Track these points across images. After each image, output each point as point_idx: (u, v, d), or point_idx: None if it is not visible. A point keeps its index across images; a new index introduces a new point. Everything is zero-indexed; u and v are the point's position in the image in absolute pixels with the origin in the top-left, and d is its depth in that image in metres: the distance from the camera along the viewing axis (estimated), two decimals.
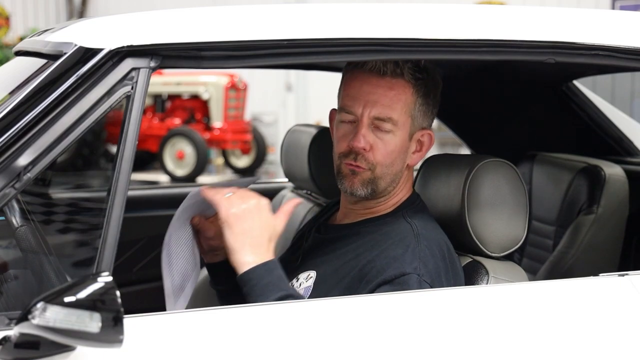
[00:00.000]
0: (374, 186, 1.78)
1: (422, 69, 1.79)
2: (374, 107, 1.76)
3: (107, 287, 1.31)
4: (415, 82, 1.78)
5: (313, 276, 1.79)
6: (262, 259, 1.65)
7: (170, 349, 1.46)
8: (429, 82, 1.81)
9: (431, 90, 1.82)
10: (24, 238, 1.77)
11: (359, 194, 1.79)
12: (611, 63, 1.83)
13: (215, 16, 1.63)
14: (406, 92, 1.77)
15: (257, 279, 1.63)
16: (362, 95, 1.77)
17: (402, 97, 1.77)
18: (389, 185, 1.81)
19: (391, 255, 1.70)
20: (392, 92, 1.76)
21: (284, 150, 2.79)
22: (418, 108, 1.80)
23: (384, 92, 1.76)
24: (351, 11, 1.69)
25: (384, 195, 1.82)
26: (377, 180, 1.78)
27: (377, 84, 1.77)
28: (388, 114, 1.76)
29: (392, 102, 1.76)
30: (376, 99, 1.76)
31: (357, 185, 1.78)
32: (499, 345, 1.60)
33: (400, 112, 1.77)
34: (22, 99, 1.47)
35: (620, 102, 8.13)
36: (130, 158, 1.49)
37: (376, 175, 1.78)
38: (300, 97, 13.15)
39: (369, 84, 1.77)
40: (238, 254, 1.65)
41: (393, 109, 1.76)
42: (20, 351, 1.35)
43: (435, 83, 1.83)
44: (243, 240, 1.65)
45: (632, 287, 1.72)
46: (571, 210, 2.66)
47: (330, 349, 1.52)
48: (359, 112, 1.77)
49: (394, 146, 1.78)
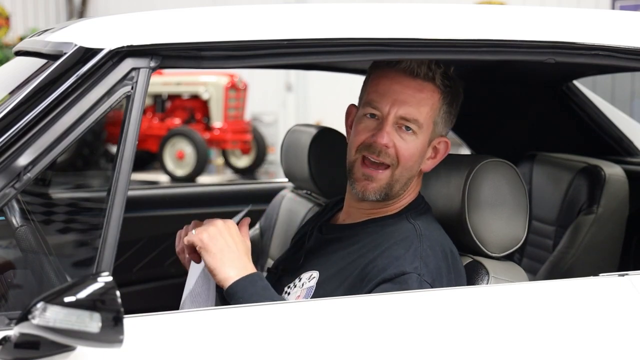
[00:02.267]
0: (388, 191, 1.79)
1: (450, 77, 1.80)
2: (401, 106, 1.76)
3: (107, 287, 1.31)
4: (444, 89, 1.79)
5: (316, 276, 1.79)
6: (244, 271, 1.67)
7: (171, 349, 1.46)
8: (454, 90, 1.82)
9: (455, 99, 1.83)
10: (24, 238, 1.77)
11: (370, 199, 1.79)
12: (611, 63, 1.83)
13: (215, 16, 1.63)
14: (434, 97, 1.78)
15: (242, 291, 1.64)
16: (391, 94, 1.77)
17: (430, 102, 1.77)
18: (401, 190, 1.81)
19: (393, 254, 1.70)
20: (421, 95, 1.77)
21: (284, 150, 2.79)
22: (442, 115, 1.80)
23: (413, 93, 1.76)
24: (351, 11, 1.69)
25: (394, 199, 1.82)
26: (394, 184, 1.78)
27: (407, 85, 1.77)
28: (415, 115, 1.76)
29: (420, 104, 1.76)
30: (405, 98, 1.76)
31: (370, 191, 1.78)
32: (499, 345, 1.60)
33: (426, 115, 1.77)
34: (22, 99, 1.47)
35: (620, 102, 8.13)
36: (130, 158, 1.49)
37: (394, 177, 1.78)
38: (300, 97, 13.14)
39: (399, 83, 1.77)
40: (220, 271, 1.67)
41: (420, 112, 1.76)
42: (20, 351, 1.35)
43: (458, 93, 1.84)
44: (221, 258, 1.67)
45: (632, 287, 1.72)
46: (571, 210, 2.66)
47: (331, 349, 1.52)
48: (385, 109, 1.77)
49: (415, 149, 1.78)
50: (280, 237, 2.71)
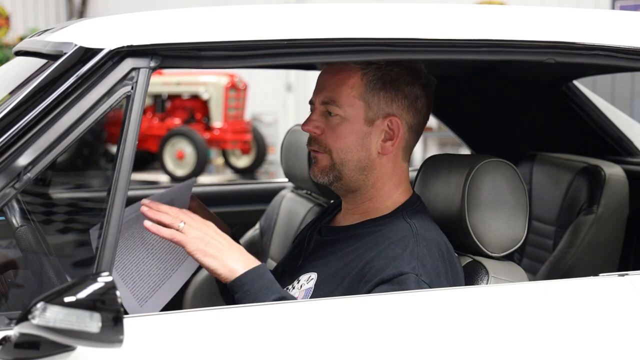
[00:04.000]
0: (336, 173, 1.81)
1: None
2: (322, 92, 1.82)
3: (107, 287, 1.31)
4: (365, 66, 1.79)
5: (314, 278, 1.79)
6: (250, 264, 1.67)
7: (170, 349, 1.46)
8: (388, 68, 1.79)
9: (395, 77, 1.79)
10: (24, 238, 1.77)
11: (321, 181, 1.84)
12: (611, 63, 1.83)
13: (215, 16, 1.63)
14: (353, 76, 1.79)
15: (250, 284, 1.64)
16: (317, 84, 1.85)
17: (348, 80, 1.79)
18: (358, 174, 1.80)
19: (390, 255, 1.70)
20: (337, 77, 1.81)
21: (284, 150, 2.79)
22: (372, 92, 1.79)
23: (330, 77, 1.82)
24: (351, 11, 1.69)
25: (364, 188, 1.82)
26: (338, 167, 1.80)
27: (327, 71, 1.84)
28: (331, 96, 1.80)
29: (337, 85, 1.80)
30: (325, 85, 1.82)
31: (317, 172, 1.83)
32: (499, 345, 1.60)
33: (346, 95, 1.79)
34: (22, 99, 1.47)
35: (620, 102, 8.13)
36: (130, 158, 1.49)
37: (334, 161, 1.80)
38: (300, 97, 13.13)
39: (324, 72, 1.85)
40: (223, 269, 1.66)
41: (337, 92, 1.80)
42: (20, 351, 1.35)
43: (402, 71, 1.80)
44: (222, 257, 1.67)
45: (632, 287, 1.72)
46: (571, 210, 2.67)
47: (330, 349, 1.52)
48: (314, 99, 1.85)
49: (344, 129, 1.79)
50: (280, 237, 2.71)
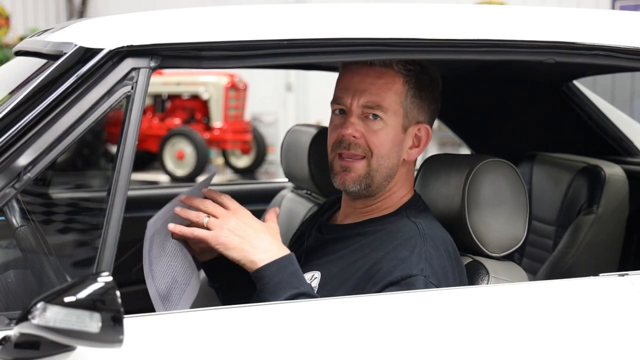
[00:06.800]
0: (368, 181, 1.78)
1: (414, 62, 1.79)
2: (362, 95, 1.77)
3: (107, 287, 1.31)
4: (406, 73, 1.78)
5: (317, 277, 1.78)
6: (273, 256, 1.66)
7: (170, 349, 1.46)
8: (421, 75, 1.80)
9: (426, 84, 1.81)
10: (24, 238, 1.77)
11: (351, 190, 1.79)
12: (611, 63, 1.83)
13: (215, 16, 1.63)
14: (396, 82, 1.78)
15: (269, 277, 1.64)
16: (352, 85, 1.78)
17: (392, 87, 1.77)
18: (384, 180, 1.80)
19: (398, 256, 1.69)
20: (380, 81, 1.77)
21: (284, 150, 2.79)
22: (410, 100, 1.79)
23: (372, 80, 1.77)
24: (351, 11, 1.69)
25: (381, 192, 1.81)
26: (372, 174, 1.78)
27: (366, 73, 1.78)
28: (377, 101, 1.76)
29: (380, 90, 1.77)
30: (365, 87, 1.77)
31: (349, 182, 1.78)
32: (499, 345, 1.60)
33: (390, 100, 1.77)
34: (22, 99, 1.47)
35: (620, 102, 8.13)
36: (130, 158, 1.49)
37: (372, 167, 1.77)
38: (300, 97, 13.14)
39: (358, 74, 1.78)
40: (245, 260, 1.65)
41: (382, 97, 1.77)
42: (20, 351, 1.35)
43: (429, 79, 1.82)
44: (243, 248, 1.65)
45: (632, 287, 1.72)
46: (571, 210, 2.67)
47: (335, 348, 1.52)
48: (348, 102, 1.78)
49: (386, 135, 1.77)
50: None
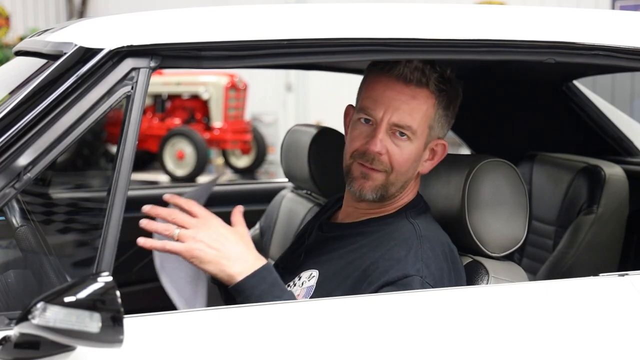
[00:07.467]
0: (384, 192, 1.78)
1: (447, 80, 1.79)
2: (394, 113, 1.75)
3: (107, 287, 1.31)
4: (438, 94, 1.77)
5: (315, 275, 1.79)
6: (250, 267, 1.62)
7: (170, 349, 1.46)
8: (451, 93, 1.80)
9: (452, 101, 1.82)
10: (24, 238, 1.77)
11: (367, 197, 1.79)
12: (611, 63, 1.83)
13: (215, 16, 1.63)
14: (428, 103, 1.77)
15: (249, 290, 1.61)
16: (385, 100, 1.76)
17: (424, 108, 1.76)
18: (397, 191, 1.81)
19: (394, 257, 1.69)
20: (414, 101, 1.76)
21: (284, 150, 2.79)
22: (437, 119, 1.79)
23: (406, 99, 1.75)
24: (351, 11, 1.69)
25: (390, 199, 1.82)
26: (389, 187, 1.78)
27: (400, 91, 1.76)
28: (408, 122, 1.75)
29: (413, 111, 1.75)
30: (398, 105, 1.75)
31: (367, 189, 1.78)
32: (499, 345, 1.60)
33: (420, 122, 1.76)
34: (22, 99, 1.47)
35: (620, 102, 8.13)
36: (130, 158, 1.49)
37: (390, 181, 1.77)
38: (300, 97, 13.15)
39: (392, 89, 1.76)
40: (222, 274, 1.61)
41: (413, 118, 1.75)
42: (20, 351, 1.35)
43: (456, 95, 1.83)
44: (219, 262, 1.61)
45: (632, 287, 1.72)
46: (571, 210, 2.67)
47: (332, 349, 1.52)
48: (379, 115, 1.76)
49: (409, 154, 1.77)
50: (280, 237, 2.71)
